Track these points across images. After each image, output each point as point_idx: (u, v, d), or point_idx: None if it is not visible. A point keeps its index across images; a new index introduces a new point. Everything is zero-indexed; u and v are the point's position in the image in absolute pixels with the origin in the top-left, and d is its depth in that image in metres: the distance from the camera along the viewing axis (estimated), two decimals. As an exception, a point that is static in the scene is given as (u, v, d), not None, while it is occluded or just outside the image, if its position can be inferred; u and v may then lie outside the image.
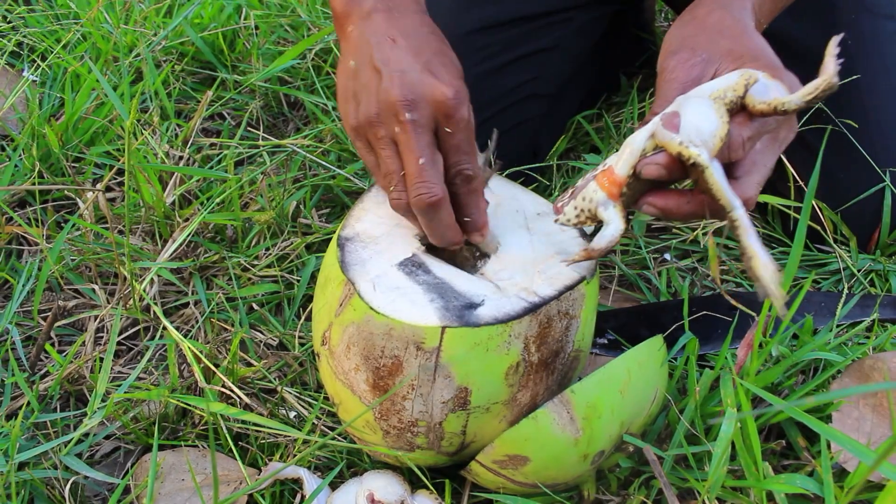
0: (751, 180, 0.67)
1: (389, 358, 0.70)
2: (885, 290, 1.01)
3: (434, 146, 0.71)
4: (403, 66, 0.72)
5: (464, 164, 0.72)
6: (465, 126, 0.72)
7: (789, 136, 0.72)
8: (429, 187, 0.70)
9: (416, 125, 0.70)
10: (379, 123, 0.72)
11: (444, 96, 0.70)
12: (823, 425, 0.58)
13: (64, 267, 1.02)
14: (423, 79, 0.71)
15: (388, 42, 0.74)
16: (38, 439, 0.86)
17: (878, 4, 1.03)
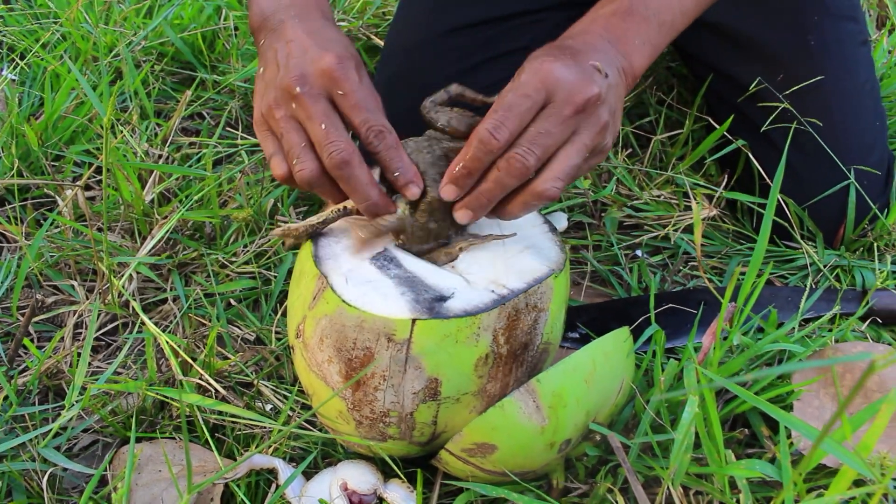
0: (543, 176, 0.72)
1: (361, 350, 0.71)
2: (848, 284, 1.04)
3: (332, 111, 0.74)
4: (296, 53, 0.76)
5: (370, 121, 0.74)
6: (356, 87, 0.74)
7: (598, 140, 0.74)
8: (336, 146, 0.72)
9: (309, 95, 0.74)
10: (277, 106, 0.76)
11: (327, 64, 0.73)
12: (780, 410, 0.60)
13: (43, 263, 1.03)
14: (308, 55, 0.75)
15: (286, 40, 0.78)
16: (16, 432, 0.87)
17: (840, 7, 1.05)
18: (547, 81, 0.71)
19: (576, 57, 0.74)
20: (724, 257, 1.10)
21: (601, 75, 0.73)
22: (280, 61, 0.77)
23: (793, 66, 1.05)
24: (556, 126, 0.71)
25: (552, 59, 0.72)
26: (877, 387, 0.80)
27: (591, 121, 0.72)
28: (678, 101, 1.27)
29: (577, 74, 0.71)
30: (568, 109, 0.71)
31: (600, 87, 0.72)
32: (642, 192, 1.15)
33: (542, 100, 0.71)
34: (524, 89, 0.71)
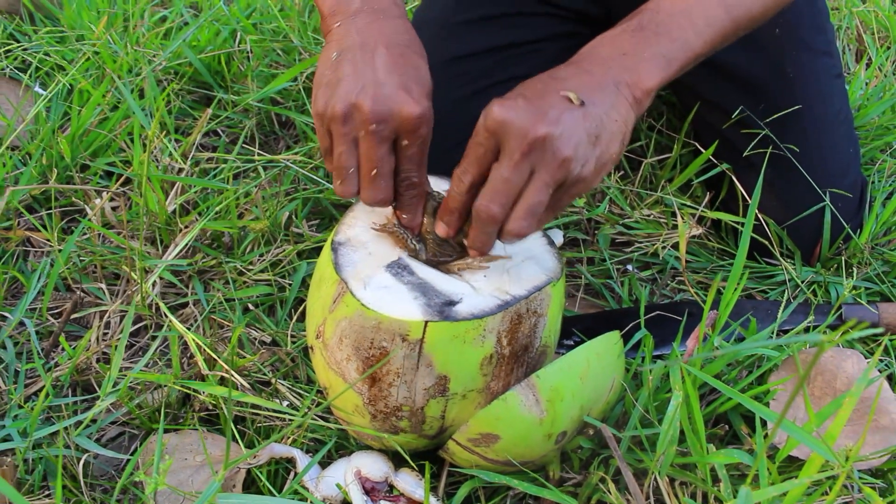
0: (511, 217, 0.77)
1: (378, 349, 0.79)
2: (823, 298, 1.12)
3: (389, 155, 0.80)
4: (381, 77, 0.78)
5: (412, 173, 0.81)
6: (421, 142, 0.80)
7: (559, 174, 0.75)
8: (375, 194, 0.80)
9: (379, 136, 0.78)
10: (345, 122, 0.78)
11: (410, 115, 0.77)
12: (756, 403, 0.68)
13: (73, 267, 1.10)
14: (396, 95, 0.77)
15: (371, 45, 0.80)
16: (51, 421, 0.93)
17: (816, 43, 1.13)
18: (492, 128, 0.74)
19: (540, 92, 0.76)
20: (708, 273, 1.18)
21: (572, 104, 0.75)
22: (360, 68, 0.78)
23: (773, 96, 1.13)
24: (510, 171, 0.74)
25: (501, 103, 0.75)
26: (845, 387, 0.87)
27: (545, 158, 0.74)
28: (667, 126, 1.35)
29: (524, 116, 0.73)
30: (517, 154, 0.74)
31: (552, 125, 0.73)
32: (633, 212, 1.23)
33: (494, 145, 0.75)
34: (477, 137, 0.76)
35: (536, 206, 0.76)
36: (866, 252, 1.14)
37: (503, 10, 1.20)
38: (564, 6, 1.20)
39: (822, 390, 0.91)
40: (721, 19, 0.85)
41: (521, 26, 1.20)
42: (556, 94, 0.76)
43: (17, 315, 1.03)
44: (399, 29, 0.84)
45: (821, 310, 1.06)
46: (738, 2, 0.86)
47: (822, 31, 1.15)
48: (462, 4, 1.21)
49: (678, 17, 0.83)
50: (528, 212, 0.76)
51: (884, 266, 1.15)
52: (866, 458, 0.84)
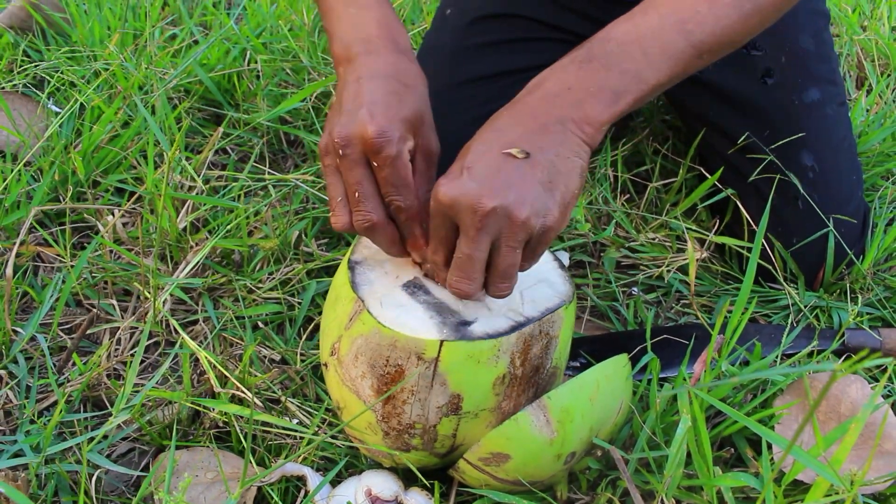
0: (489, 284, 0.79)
1: (393, 366, 0.80)
2: (826, 323, 1.13)
3: (366, 178, 0.80)
4: (352, 105, 0.81)
5: (392, 195, 0.81)
6: (390, 162, 0.79)
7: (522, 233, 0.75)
8: (364, 215, 0.80)
9: (348, 160, 0.79)
10: (327, 153, 0.82)
11: (368, 135, 0.78)
12: (762, 426, 0.69)
13: (85, 283, 1.11)
14: (356, 119, 0.79)
15: (355, 82, 0.82)
16: (63, 437, 0.94)
17: (821, 71, 1.16)
18: (443, 209, 0.76)
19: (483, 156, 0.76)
20: (712, 296, 1.19)
21: (516, 160, 0.75)
22: (343, 103, 0.82)
23: (778, 123, 1.15)
24: (470, 248, 0.75)
25: (446, 182, 0.75)
26: (849, 412, 0.89)
27: (504, 225, 0.74)
28: (673, 151, 1.37)
29: (471, 189, 0.74)
30: (472, 231, 0.74)
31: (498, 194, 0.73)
32: (639, 235, 1.25)
33: (451, 223, 0.77)
34: (434, 219, 0.78)
35: (508, 269, 0.77)
36: (869, 278, 1.16)
37: (512, 36, 1.22)
38: (574, 31, 1.22)
39: (827, 415, 0.92)
40: (679, 47, 0.81)
41: (530, 51, 1.22)
42: (498, 154, 0.76)
43: (29, 330, 1.04)
44: (388, 62, 0.85)
45: (824, 334, 1.08)
46: (700, 28, 0.81)
47: (826, 60, 1.17)
48: (472, 29, 1.23)
49: (630, 47, 0.80)
50: (503, 276, 0.77)
51: (886, 292, 1.17)
52: (871, 483, 0.85)
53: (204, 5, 1.70)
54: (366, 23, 0.88)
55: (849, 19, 1.82)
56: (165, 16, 1.69)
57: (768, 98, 1.15)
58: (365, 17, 0.88)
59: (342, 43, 0.87)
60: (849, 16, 1.84)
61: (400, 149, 0.79)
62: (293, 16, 1.62)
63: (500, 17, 1.23)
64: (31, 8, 1.54)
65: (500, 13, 1.23)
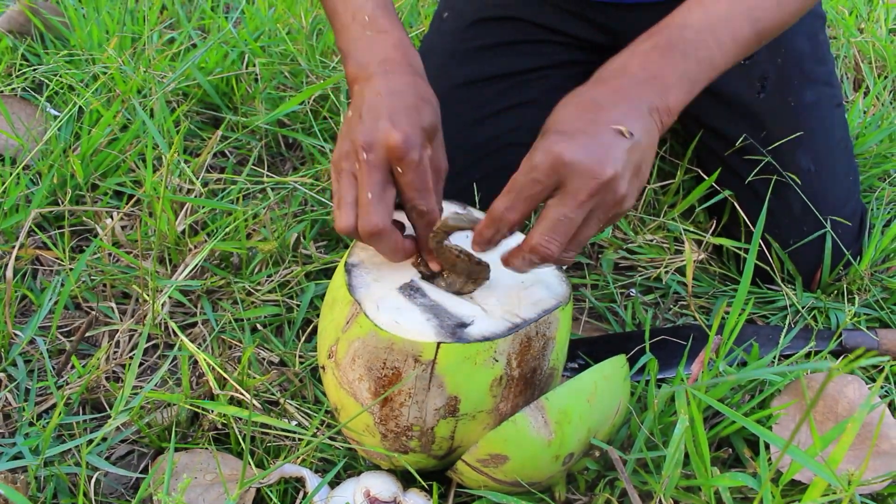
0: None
1: (390, 369, 0.80)
2: (824, 324, 1.13)
3: (385, 183, 0.82)
4: (374, 114, 0.83)
5: (416, 199, 0.83)
6: (414, 167, 0.82)
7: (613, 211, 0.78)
8: (370, 220, 0.81)
9: (370, 164, 0.82)
10: (346, 158, 0.84)
11: (393, 141, 0.81)
12: (759, 426, 0.69)
13: (83, 286, 1.11)
14: (381, 125, 0.82)
15: (374, 96, 0.85)
16: (62, 439, 0.94)
17: (817, 73, 1.16)
18: (558, 166, 0.75)
19: (595, 126, 0.76)
20: (710, 298, 1.19)
21: (625, 139, 0.76)
22: (362, 115, 0.84)
23: (775, 125, 1.15)
24: (574, 210, 0.75)
25: (566, 139, 0.75)
26: (847, 412, 0.89)
27: (607, 199, 0.76)
28: (670, 153, 1.37)
29: (591, 156, 0.74)
30: (583, 195, 0.75)
31: (616, 165, 0.75)
32: (636, 236, 1.25)
33: (554, 183, 0.76)
34: (535, 174, 0.76)
35: (586, 239, 0.79)
36: (866, 278, 1.16)
37: (511, 38, 1.22)
38: (572, 34, 1.22)
39: (824, 415, 0.92)
40: (746, 34, 0.85)
41: (529, 54, 1.22)
42: (610, 128, 0.77)
43: (28, 333, 1.04)
44: (406, 82, 0.87)
45: (821, 335, 1.08)
46: (765, 14, 0.86)
47: (822, 62, 1.17)
48: (469, 32, 1.23)
49: (705, 35, 0.83)
50: (578, 245, 0.78)
51: (883, 292, 1.17)
52: (868, 483, 0.85)
53: (202, 9, 1.70)
54: (383, 46, 0.90)
55: (846, 21, 1.82)
56: (164, 19, 1.70)
57: (765, 100, 1.15)
58: (383, 41, 0.90)
59: (359, 63, 0.90)
60: (846, 18, 1.84)
61: (422, 154, 0.82)
62: (291, 19, 1.62)
63: (498, 20, 1.23)
64: (29, 12, 1.54)
65: (498, 16, 1.23)
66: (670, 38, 0.84)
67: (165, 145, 1.04)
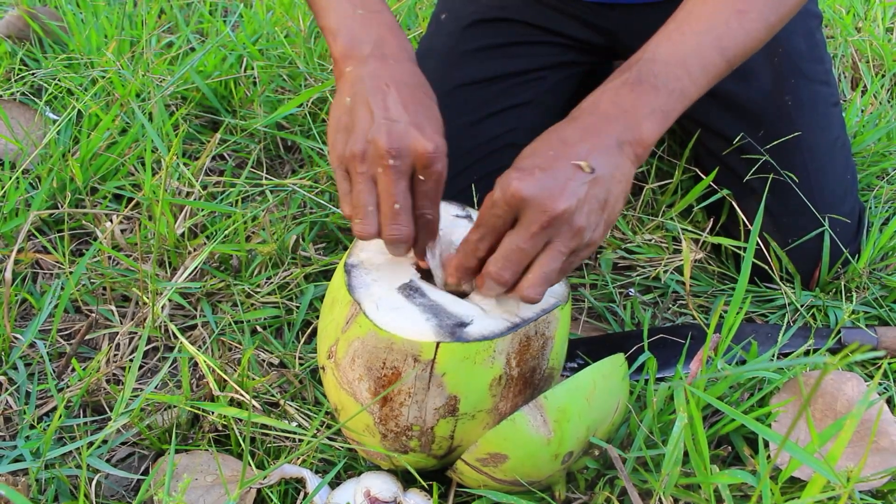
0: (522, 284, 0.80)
1: (390, 369, 0.80)
2: (823, 322, 1.14)
3: (408, 192, 0.81)
4: (394, 115, 0.81)
5: (427, 209, 0.83)
6: (437, 177, 0.81)
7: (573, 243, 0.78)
8: (400, 230, 0.81)
9: (397, 171, 0.80)
10: (363, 160, 0.81)
11: (425, 150, 0.79)
12: (760, 425, 0.69)
13: (83, 289, 1.12)
14: (409, 131, 0.80)
15: (383, 87, 0.82)
16: (62, 442, 0.95)
17: (814, 72, 1.16)
18: (513, 201, 0.77)
19: (554, 161, 0.78)
20: (709, 297, 1.20)
21: (584, 174, 0.78)
22: (373, 108, 0.81)
23: (772, 124, 1.15)
24: (526, 242, 0.77)
25: (523, 174, 0.77)
26: (845, 410, 0.89)
27: (562, 230, 0.77)
28: (668, 153, 1.38)
29: (543, 190, 0.76)
30: (535, 227, 0.76)
31: (570, 200, 0.76)
32: (635, 236, 1.25)
33: (512, 216, 0.78)
34: (495, 208, 0.78)
35: (550, 273, 0.79)
36: (864, 277, 1.16)
37: (507, 40, 1.23)
38: (569, 35, 1.23)
39: (823, 412, 0.92)
40: (716, 64, 0.86)
41: (525, 55, 1.23)
42: (569, 163, 0.78)
43: (28, 336, 1.04)
44: (408, 71, 0.86)
45: (820, 333, 1.08)
46: (733, 43, 0.87)
47: (819, 61, 1.17)
48: (467, 34, 1.23)
49: (675, 68, 0.85)
50: (543, 278, 0.78)
51: (881, 290, 1.18)
52: (867, 479, 0.85)
53: (200, 13, 1.71)
54: (378, 26, 0.87)
55: (843, 21, 1.82)
56: (162, 24, 1.70)
57: (762, 99, 1.16)
58: (377, 21, 0.88)
59: (349, 39, 0.87)
60: (843, 17, 1.85)
61: (445, 164, 0.81)
62: (289, 22, 1.62)
63: (495, 22, 1.24)
64: (28, 17, 1.54)
65: (495, 17, 1.24)
66: (640, 72, 0.84)
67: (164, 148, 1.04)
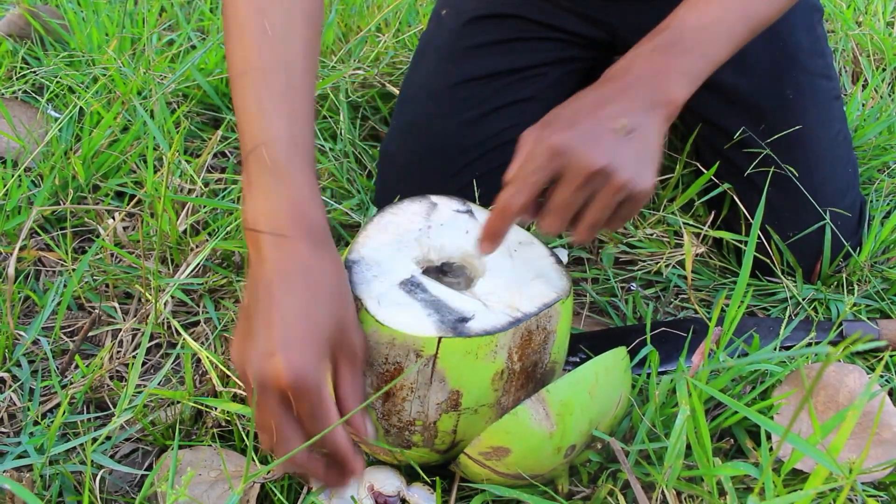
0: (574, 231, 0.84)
1: (392, 364, 0.80)
2: (824, 315, 1.14)
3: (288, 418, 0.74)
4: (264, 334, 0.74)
5: (314, 428, 0.74)
6: (308, 400, 0.73)
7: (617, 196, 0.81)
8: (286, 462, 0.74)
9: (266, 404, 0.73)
10: (244, 380, 0.75)
11: (285, 382, 0.71)
12: (762, 416, 0.69)
13: (86, 286, 1.12)
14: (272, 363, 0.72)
15: (265, 290, 0.76)
16: (66, 438, 0.95)
17: (815, 65, 1.16)
18: (555, 155, 0.80)
19: (592, 119, 0.82)
20: (711, 291, 1.20)
21: (621, 131, 0.81)
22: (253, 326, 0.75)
23: (773, 118, 1.15)
24: (570, 195, 0.80)
25: (564, 130, 0.81)
26: (847, 402, 0.89)
27: (604, 184, 0.80)
28: (669, 147, 1.38)
29: (582, 145, 0.80)
30: (576, 181, 0.80)
31: (609, 155, 0.80)
32: (636, 231, 1.26)
33: (553, 172, 0.81)
34: (534, 162, 0.81)
35: (595, 223, 0.83)
36: (866, 270, 1.17)
37: (508, 36, 1.23)
38: (570, 30, 1.23)
39: (825, 405, 0.93)
40: (740, 31, 0.90)
41: (526, 51, 1.23)
42: (605, 121, 0.82)
43: (32, 333, 1.04)
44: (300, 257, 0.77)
45: (822, 326, 1.08)
46: (756, 11, 0.91)
47: (820, 55, 1.17)
48: (467, 30, 1.24)
49: (702, 33, 0.89)
50: (589, 228, 0.83)
51: (883, 283, 1.18)
52: (869, 471, 0.86)
53: (201, 10, 1.71)
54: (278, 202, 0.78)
55: (844, 15, 1.82)
56: (163, 21, 1.70)
57: (763, 93, 1.16)
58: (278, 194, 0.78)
59: (250, 215, 0.79)
60: (843, 11, 1.85)
61: (318, 383, 0.73)
62: (290, 19, 1.62)
63: (496, 18, 1.24)
64: (29, 16, 1.55)
65: (496, 13, 1.24)
66: (670, 38, 0.88)
67: (166, 145, 1.04)
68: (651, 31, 0.91)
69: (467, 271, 0.90)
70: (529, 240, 0.94)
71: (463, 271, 0.90)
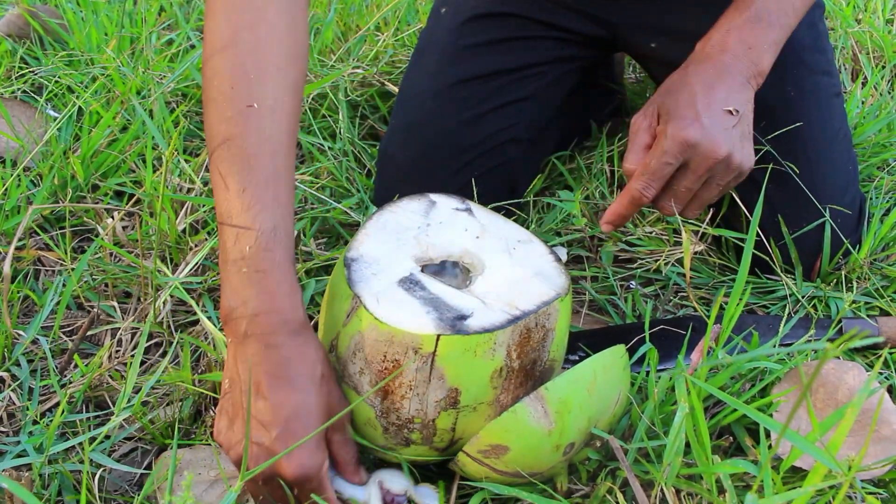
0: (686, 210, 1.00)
1: (391, 362, 0.80)
2: (824, 312, 1.14)
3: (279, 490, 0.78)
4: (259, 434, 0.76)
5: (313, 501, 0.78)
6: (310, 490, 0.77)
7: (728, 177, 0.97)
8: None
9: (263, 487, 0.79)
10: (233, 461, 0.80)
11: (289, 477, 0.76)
12: (760, 414, 0.69)
13: (85, 285, 1.12)
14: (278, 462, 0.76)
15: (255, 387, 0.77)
16: (65, 437, 0.95)
17: (816, 62, 1.16)
18: (685, 148, 0.92)
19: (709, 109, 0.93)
20: (710, 288, 1.20)
21: (733, 117, 0.93)
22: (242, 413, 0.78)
23: (774, 115, 1.15)
24: (694, 182, 0.95)
25: (690, 124, 0.92)
26: (846, 399, 0.89)
27: (721, 170, 0.94)
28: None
29: (710, 137, 0.92)
30: (701, 169, 0.94)
31: (729, 143, 0.92)
32: (636, 229, 1.25)
33: (680, 162, 0.93)
34: (667, 157, 0.93)
35: (708, 201, 0.98)
36: (865, 267, 1.16)
37: (507, 35, 1.23)
38: (569, 29, 1.23)
39: (824, 402, 0.93)
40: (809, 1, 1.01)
41: (526, 50, 1.23)
42: (722, 110, 0.94)
43: (31, 333, 1.04)
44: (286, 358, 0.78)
45: (821, 324, 1.08)
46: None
47: (821, 52, 1.17)
48: (466, 28, 1.23)
49: (784, 4, 0.99)
50: (701, 206, 0.98)
51: (882, 281, 1.17)
52: (868, 468, 0.85)
53: (200, 10, 1.71)
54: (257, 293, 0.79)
55: (843, 12, 1.82)
56: (162, 21, 1.70)
57: (764, 89, 1.15)
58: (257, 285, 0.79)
59: (229, 308, 0.80)
60: (843, 9, 1.85)
61: (320, 473, 0.77)
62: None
63: (495, 16, 1.24)
64: (28, 16, 1.55)
65: (495, 12, 1.24)
66: (757, 11, 0.98)
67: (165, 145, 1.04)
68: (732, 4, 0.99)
69: (466, 269, 0.90)
70: (528, 238, 0.94)
71: (462, 269, 0.90)
